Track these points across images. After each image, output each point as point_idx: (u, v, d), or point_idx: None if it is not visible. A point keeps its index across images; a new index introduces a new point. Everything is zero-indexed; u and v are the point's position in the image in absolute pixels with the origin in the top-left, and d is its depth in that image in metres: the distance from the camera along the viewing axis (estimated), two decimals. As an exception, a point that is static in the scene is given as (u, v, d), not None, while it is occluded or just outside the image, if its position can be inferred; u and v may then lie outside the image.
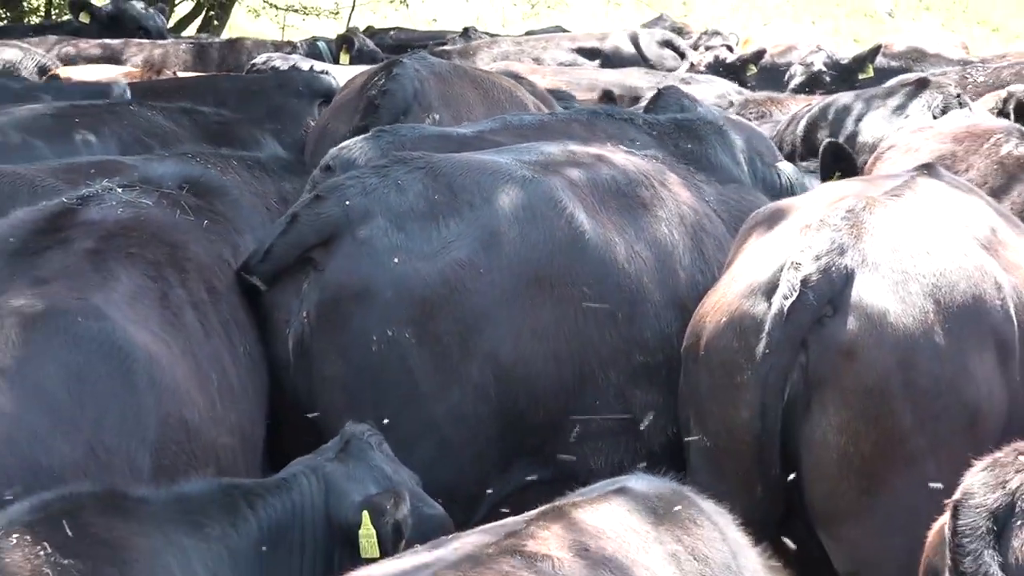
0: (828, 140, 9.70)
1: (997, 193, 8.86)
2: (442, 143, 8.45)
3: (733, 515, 5.50)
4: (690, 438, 6.82)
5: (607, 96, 11.81)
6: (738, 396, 6.38)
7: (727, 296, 6.74)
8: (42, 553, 4.55)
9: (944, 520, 4.93)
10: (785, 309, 6.26)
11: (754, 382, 6.31)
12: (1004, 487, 4.80)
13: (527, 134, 9.02)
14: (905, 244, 6.72)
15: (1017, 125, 9.48)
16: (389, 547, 5.19)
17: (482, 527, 4.73)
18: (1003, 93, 11.97)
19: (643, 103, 12.13)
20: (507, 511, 5.71)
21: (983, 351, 6.54)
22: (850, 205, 6.95)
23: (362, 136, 8.78)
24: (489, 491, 6.88)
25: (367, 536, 5.28)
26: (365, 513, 5.28)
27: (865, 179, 8.43)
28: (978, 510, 4.77)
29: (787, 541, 6.44)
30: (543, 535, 4.35)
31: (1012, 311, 6.68)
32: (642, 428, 7.39)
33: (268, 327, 7.00)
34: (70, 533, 4.65)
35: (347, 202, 6.39)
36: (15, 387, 5.51)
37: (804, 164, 9.92)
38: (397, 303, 6.80)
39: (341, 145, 8.72)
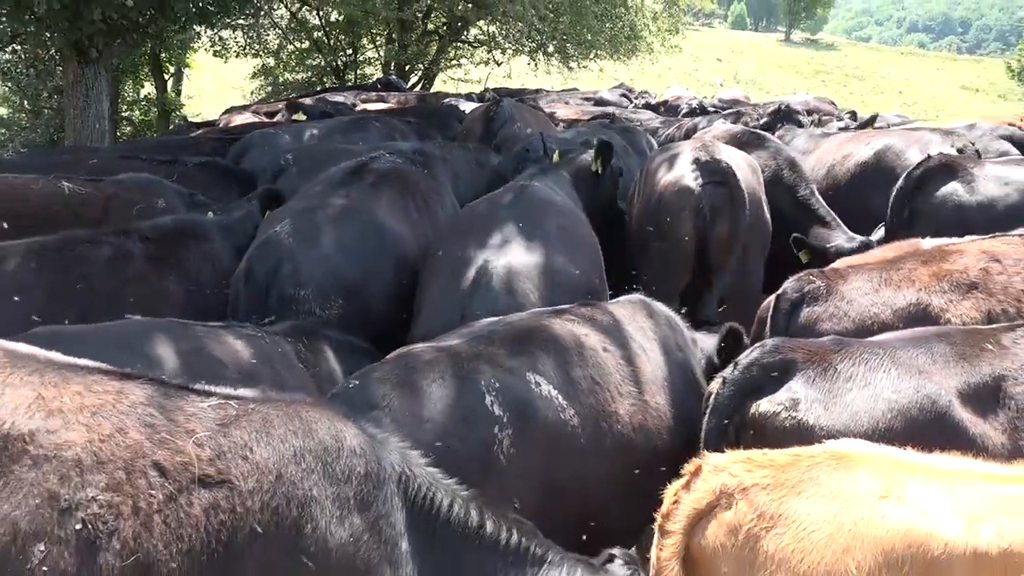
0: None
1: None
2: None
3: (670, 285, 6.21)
4: (651, 255, 6.63)
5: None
6: (684, 220, 6.39)
7: (671, 180, 6.61)
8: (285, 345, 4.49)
9: (770, 299, 5.15)
10: (701, 176, 6.43)
11: (689, 212, 6.39)
12: (804, 288, 4.93)
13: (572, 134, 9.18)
14: (741, 158, 7.00)
15: (752, 130, 8.96)
16: None
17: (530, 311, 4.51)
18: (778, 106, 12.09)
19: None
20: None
21: (767, 209, 7.03)
22: (706, 140, 7.23)
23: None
24: None
25: None
26: None
27: None
28: (787, 298, 4.93)
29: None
30: (572, 313, 4.29)
31: None
32: None
33: None
34: (305, 341, 4.65)
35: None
36: (329, 246, 5.52)
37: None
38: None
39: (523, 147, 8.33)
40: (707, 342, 4.68)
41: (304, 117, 10.97)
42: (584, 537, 3.63)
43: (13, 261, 5.04)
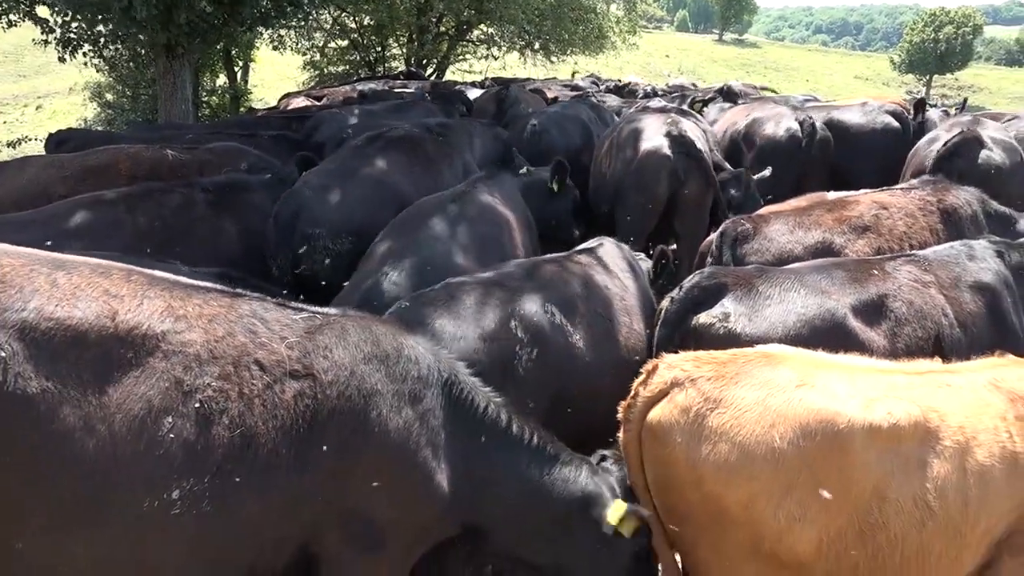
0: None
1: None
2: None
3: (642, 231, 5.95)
4: (630, 205, 6.23)
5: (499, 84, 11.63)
6: (659, 182, 6.14)
7: (650, 148, 6.21)
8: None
9: (711, 237, 5.00)
10: (673, 148, 6.16)
11: (665, 174, 6.14)
12: (736, 230, 4.84)
13: (558, 107, 8.69)
14: (700, 131, 6.72)
15: (682, 108, 8.30)
16: None
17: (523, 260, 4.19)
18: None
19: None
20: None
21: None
22: (673, 115, 6.81)
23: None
24: None
25: None
26: None
27: None
28: (724, 235, 4.84)
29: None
30: (578, 257, 4.22)
31: None
32: None
33: None
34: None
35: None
36: (340, 195, 5.20)
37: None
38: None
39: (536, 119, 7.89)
40: (646, 263, 4.58)
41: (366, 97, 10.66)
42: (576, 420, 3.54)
43: (108, 205, 4.92)
